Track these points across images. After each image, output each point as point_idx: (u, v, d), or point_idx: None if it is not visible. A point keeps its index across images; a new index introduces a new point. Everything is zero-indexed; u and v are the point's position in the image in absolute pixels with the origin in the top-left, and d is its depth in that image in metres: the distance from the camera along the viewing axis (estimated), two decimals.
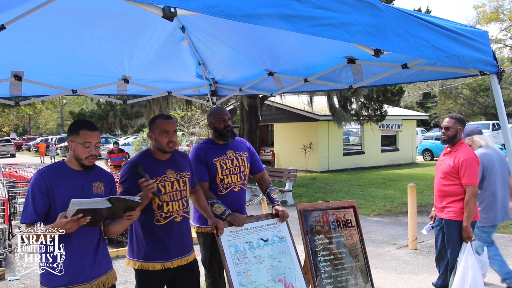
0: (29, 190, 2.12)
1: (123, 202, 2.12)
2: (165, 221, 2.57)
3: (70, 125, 2.27)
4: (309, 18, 1.60)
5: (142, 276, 2.59)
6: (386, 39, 1.85)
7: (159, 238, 2.56)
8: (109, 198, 2.06)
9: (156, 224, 2.56)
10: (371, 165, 17.80)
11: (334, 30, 1.68)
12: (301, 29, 1.59)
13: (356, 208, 3.35)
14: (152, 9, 1.52)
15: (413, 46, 1.96)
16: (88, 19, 2.62)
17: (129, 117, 17.41)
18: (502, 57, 33.76)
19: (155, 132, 2.57)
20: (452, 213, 3.58)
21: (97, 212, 2.03)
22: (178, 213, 2.61)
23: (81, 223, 1.97)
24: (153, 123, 2.61)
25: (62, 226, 1.96)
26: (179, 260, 2.62)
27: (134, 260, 2.61)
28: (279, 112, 17.12)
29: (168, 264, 2.58)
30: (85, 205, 1.96)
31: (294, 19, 1.57)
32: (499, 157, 3.92)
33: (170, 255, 2.59)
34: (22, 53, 3.03)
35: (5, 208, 5.85)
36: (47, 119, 52.09)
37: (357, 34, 1.73)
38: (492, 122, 23.96)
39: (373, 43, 1.82)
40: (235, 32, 3.15)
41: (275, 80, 3.99)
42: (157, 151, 2.61)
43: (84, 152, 2.17)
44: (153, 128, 2.59)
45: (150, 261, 2.56)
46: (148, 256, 2.56)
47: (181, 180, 2.64)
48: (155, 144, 2.59)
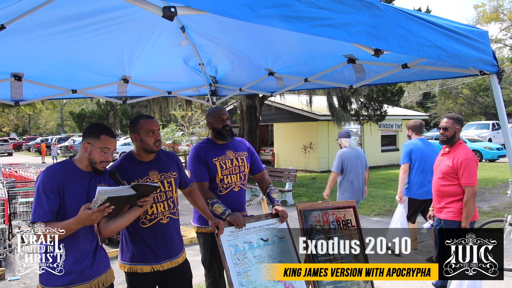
0: (39, 187, 2.08)
1: (143, 188, 2.12)
2: (150, 223, 2.55)
3: (90, 128, 2.24)
4: (308, 19, 1.60)
5: (132, 279, 2.57)
6: (387, 38, 1.84)
7: (146, 240, 2.54)
8: (132, 185, 2.07)
9: (141, 227, 2.54)
10: (371, 165, 17.70)
11: (333, 30, 1.67)
12: (301, 30, 1.59)
13: (356, 208, 3.35)
14: (152, 8, 1.52)
15: (414, 45, 1.95)
16: (87, 19, 2.62)
17: (130, 118, 17.42)
18: (502, 57, 33.79)
19: (140, 132, 2.53)
20: (451, 213, 3.58)
21: (122, 200, 2.03)
22: (164, 215, 2.59)
23: (105, 213, 1.96)
24: (136, 124, 2.56)
25: (88, 217, 1.95)
26: (169, 262, 2.60)
27: (124, 263, 2.60)
28: (279, 112, 17.12)
29: (158, 267, 2.56)
30: (112, 193, 1.96)
31: (293, 20, 1.57)
32: (357, 155, 5.34)
33: (159, 258, 2.56)
34: (22, 53, 3.03)
35: (5, 208, 5.84)
36: (47, 119, 52.07)
37: (356, 34, 1.73)
38: (492, 122, 23.99)
39: (373, 43, 1.82)
40: (235, 31, 3.15)
41: (277, 79, 3.99)
42: (141, 152, 2.58)
43: (100, 157, 2.18)
44: (137, 129, 2.54)
45: (138, 264, 2.54)
46: (137, 259, 2.54)
47: (165, 181, 2.61)
48: (140, 145, 2.55)
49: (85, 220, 1.98)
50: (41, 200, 2.05)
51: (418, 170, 4.94)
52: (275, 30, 2.96)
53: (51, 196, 2.06)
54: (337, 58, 3.23)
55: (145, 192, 2.17)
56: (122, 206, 2.11)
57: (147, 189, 2.16)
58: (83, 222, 2.00)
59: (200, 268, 2.91)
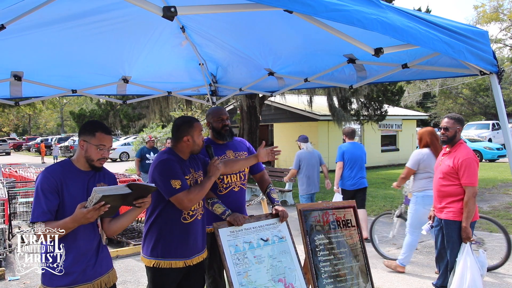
0: (38, 188, 2.09)
1: (140, 189, 2.13)
2: (191, 219, 2.65)
3: (85, 126, 2.25)
4: (327, 3, 1.55)
5: (161, 274, 2.61)
6: (400, 29, 1.78)
7: (184, 235, 2.62)
8: (128, 184, 2.07)
9: (183, 222, 2.62)
10: (371, 165, 17.79)
11: (352, 15, 1.62)
12: (320, 13, 1.55)
13: (356, 208, 3.35)
14: (152, 8, 1.52)
15: (425, 37, 1.91)
16: (87, 19, 2.62)
17: (131, 119, 17.46)
18: (502, 57, 33.78)
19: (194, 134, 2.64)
20: (452, 213, 3.58)
21: (117, 199, 2.03)
22: (198, 211, 2.70)
23: (101, 211, 1.97)
24: (191, 126, 2.65)
25: (84, 215, 1.96)
26: (197, 257, 2.70)
27: (152, 258, 2.61)
28: (279, 112, 17.11)
29: (189, 262, 2.64)
30: (107, 192, 1.96)
31: (313, 2, 1.52)
32: (312, 155, 6.52)
33: (191, 252, 2.66)
34: (22, 53, 3.03)
35: (5, 208, 5.84)
36: (47, 119, 52.06)
37: (374, 22, 1.66)
38: (492, 122, 23.98)
39: (388, 32, 1.74)
40: (235, 31, 3.15)
41: (277, 79, 3.99)
42: (186, 152, 2.68)
43: (97, 154, 2.18)
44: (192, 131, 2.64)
45: (172, 259, 2.59)
46: (172, 254, 2.59)
47: (199, 179, 2.74)
48: (192, 145, 2.65)
49: (81, 219, 1.98)
50: (39, 201, 2.07)
51: (348, 167, 6.17)
52: (275, 30, 2.96)
53: (49, 196, 2.07)
54: (337, 58, 3.23)
55: (142, 193, 2.16)
56: (118, 205, 2.11)
57: (143, 189, 2.16)
58: (80, 221, 2.00)
59: None
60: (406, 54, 2.89)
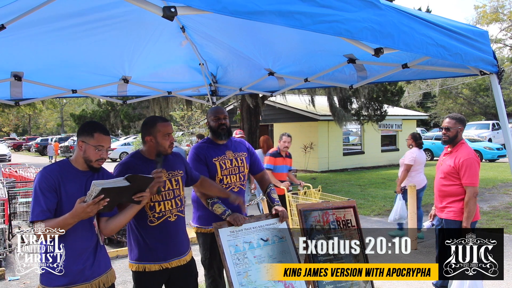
0: (36, 187, 2.09)
1: (139, 181, 2.12)
2: (158, 221, 2.56)
3: (84, 126, 2.25)
4: (314, 15, 1.57)
5: (140, 278, 2.58)
6: (392, 36, 1.80)
7: (154, 238, 2.55)
8: (126, 177, 2.07)
9: (149, 225, 2.55)
10: (371, 165, 17.80)
11: (340, 26, 1.63)
12: (307, 26, 1.56)
13: (356, 208, 3.34)
14: (152, 8, 1.52)
15: (418, 43, 1.92)
16: (88, 19, 2.62)
17: (131, 119, 17.45)
18: (502, 57, 33.78)
19: (157, 135, 2.54)
20: (452, 213, 3.58)
21: (117, 193, 2.03)
22: (172, 213, 2.60)
23: (100, 205, 1.97)
24: (153, 126, 2.56)
25: (83, 209, 1.95)
26: (177, 260, 2.62)
27: (132, 262, 2.61)
28: (279, 112, 17.10)
29: (166, 265, 2.57)
30: (106, 185, 1.96)
31: (299, 15, 1.54)
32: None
33: (168, 256, 2.58)
34: (22, 53, 3.03)
35: (5, 208, 5.84)
36: (47, 119, 52.11)
37: (363, 31, 1.69)
38: (492, 122, 23.97)
39: (379, 40, 1.77)
40: (235, 31, 3.15)
41: (278, 79, 3.99)
42: (151, 152, 2.58)
43: (95, 155, 2.18)
44: (154, 131, 2.55)
45: (147, 263, 2.54)
46: (145, 258, 2.55)
47: (173, 179, 2.64)
48: (156, 146, 2.56)
49: (80, 213, 1.98)
50: (38, 199, 2.07)
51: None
52: (275, 30, 2.96)
53: (48, 194, 2.07)
54: (338, 58, 3.23)
55: (141, 185, 2.16)
56: (117, 199, 2.10)
57: (142, 181, 2.15)
58: (79, 216, 2.00)
59: (200, 268, 2.91)
60: (406, 54, 2.89)
